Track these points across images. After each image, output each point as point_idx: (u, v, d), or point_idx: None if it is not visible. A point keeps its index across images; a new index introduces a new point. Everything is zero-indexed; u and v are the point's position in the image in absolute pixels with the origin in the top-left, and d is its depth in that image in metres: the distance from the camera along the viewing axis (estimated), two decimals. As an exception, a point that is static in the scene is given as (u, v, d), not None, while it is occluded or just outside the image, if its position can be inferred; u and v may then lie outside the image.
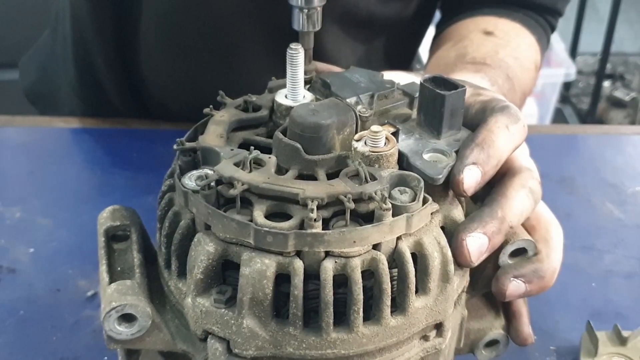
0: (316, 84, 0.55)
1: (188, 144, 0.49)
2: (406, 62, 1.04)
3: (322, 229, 0.43)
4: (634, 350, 0.60)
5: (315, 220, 0.43)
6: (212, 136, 0.50)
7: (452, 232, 0.49)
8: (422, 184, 0.46)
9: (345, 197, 0.44)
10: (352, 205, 0.43)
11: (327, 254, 0.44)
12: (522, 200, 0.50)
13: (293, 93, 0.52)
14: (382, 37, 0.92)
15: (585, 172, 0.69)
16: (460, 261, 0.48)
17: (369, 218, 0.45)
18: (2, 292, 0.66)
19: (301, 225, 0.43)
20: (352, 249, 0.44)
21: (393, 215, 0.44)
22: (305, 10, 0.53)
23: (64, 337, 0.61)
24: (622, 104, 2.87)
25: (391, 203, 0.44)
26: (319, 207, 0.44)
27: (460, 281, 0.49)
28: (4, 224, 0.75)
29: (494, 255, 0.52)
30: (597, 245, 0.75)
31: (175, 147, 0.49)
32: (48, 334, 0.62)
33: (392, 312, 0.46)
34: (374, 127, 0.47)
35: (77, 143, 0.90)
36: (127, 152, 0.86)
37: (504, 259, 0.52)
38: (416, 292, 0.47)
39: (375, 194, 0.44)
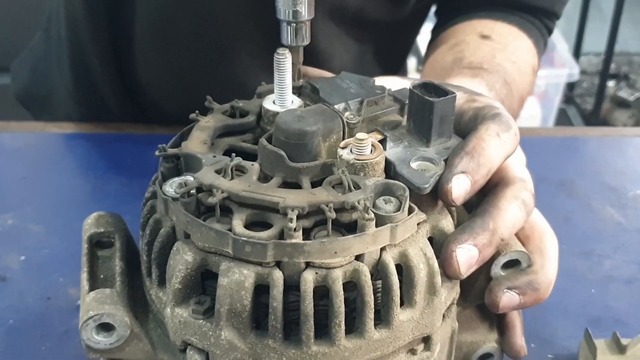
0: (306, 90, 0.54)
1: (170, 150, 0.48)
2: (399, 62, 1.04)
3: (304, 239, 0.42)
4: (634, 358, 0.58)
5: (294, 230, 0.41)
6: (196, 142, 0.49)
7: (441, 243, 0.47)
8: (408, 193, 0.44)
9: (327, 206, 0.42)
10: (333, 214, 0.42)
11: (308, 264, 0.43)
12: (514, 212, 0.49)
13: (281, 99, 0.51)
14: (375, 36, 0.91)
15: (585, 175, 0.67)
16: (449, 273, 0.47)
17: (352, 228, 0.43)
18: (-8, 300, 0.65)
19: (281, 235, 0.42)
20: (333, 259, 0.42)
21: (377, 225, 0.43)
22: (294, 25, 0.52)
23: (54, 347, 0.60)
24: (626, 104, 2.84)
25: (375, 213, 0.43)
26: (299, 217, 0.43)
27: (448, 293, 0.48)
28: (-5, 230, 0.74)
29: (486, 266, 0.50)
30: (597, 250, 0.73)
31: (157, 153, 0.48)
32: (38, 343, 0.61)
33: (376, 324, 0.45)
34: (359, 135, 0.46)
35: (71, 148, 0.89)
36: (122, 157, 0.84)
37: (497, 270, 0.51)
38: (402, 304, 0.45)
39: (358, 204, 0.43)
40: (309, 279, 0.42)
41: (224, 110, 0.53)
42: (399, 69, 1.02)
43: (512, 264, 0.51)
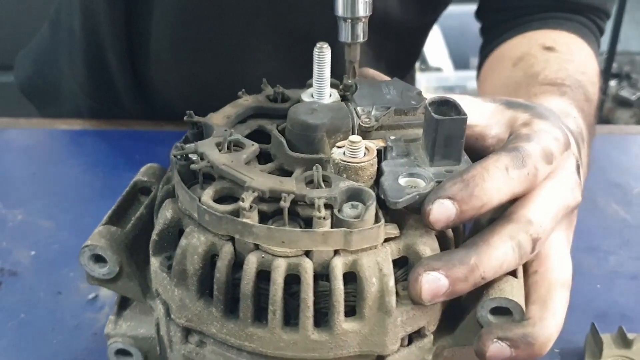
0: (351, 88, 0.54)
1: (195, 118, 0.52)
2: (409, 66, 1.01)
3: (262, 223, 0.44)
4: None
5: (247, 210, 0.43)
6: (220, 115, 0.52)
7: (413, 265, 0.45)
8: (373, 202, 0.43)
9: (286, 195, 0.43)
10: (287, 204, 0.43)
11: (258, 247, 0.44)
12: (506, 252, 0.45)
13: (319, 92, 0.52)
14: (392, 42, 0.86)
15: (591, 172, 0.64)
16: (410, 295, 0.45)
17: (311, 224, 0.44)
18: (3, 295, 0.66)
19: (237, 213, 0.44)
20: (279, 248, 0.43)
21: (335, 227, 0.43)
22: (349, 21, 0.53)
23: (65, 340, 0.61)
24: (628, 104, 2.75)
25: (336, 215, 0.43)
26: (263, 200, 0.44)
27: (410, 319, 0.46)
28: (5, 226, 0.75)
29: (474, 305, 0.47)
30: (602, 247, 0.73)
31: (185, 118, 0.52)
32: (49, 337, 0.61)
33: (319, 327, 0.44)
34: (353, 137, 0.46)
35: (80, 145, 0.90)
36: (130, 154, 0.85)
37: (483, 314, 0.47)
38: (353, 314, 0.45)
39: (317, 201, 0.43)
40: (252, 260, 0.43)
41: (268, 94, 0.55)
42: (407, 73, 1.00)
43: (504, 311, 0.47)
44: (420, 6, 0.86)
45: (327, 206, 0.43)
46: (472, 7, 0.93)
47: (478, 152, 0.52)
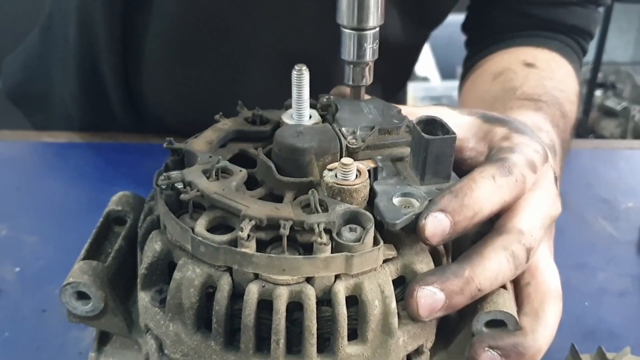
0: (331, 108, 0.54)
1: (176, 145, 0.51)
2: (401, 84, 1.03)
3: (261, 252, 0.43)
4: None
5: (246, 239, 0.42)
6: (202, 141, 0.51)
7: (411, 284, 0.46)
8: (372, 225, 0.43)
9: (285, 222, 0.42)
10: (286, 231, 0.42)
11: (257, 276, 0.43)
12: (500, 263, 0.46)
13: (299, 113, 0.52)
14: (384, 61, 0.89)
15: (578, 188, 0.67)
16: (408, 313, 0.45)
17: (310, 249, 0.43)
18: (-13, 312, 0.64)
19: (234, 243, 0.43)
20: (281, 276, 0.42)
21: (335, 252, 0.42)
22: (356, 65, 0.53)
23: (50, 359, 0.59)
24: (613, 114, 2.86)
25: (335, 240, 0.43)
26: (259, 228, 0.43)
27: (411, 338, 0.46)
28: (-10, 241, 0.73)
29: (468, 319, 0.48)
30: (590, 263, 0.73)
31: (164, 145, 0.51)
32: (33, 356, 0.59)
33: (322, 352, 0.44)
34: (345, 160, 0.46)
35: (66, 158, 0.88)
36: (116, 167, 0.84)
37: (479, 327, 0.48)
38: (355, 337, 0.44)
39: (318, 226, 0.42)
40: (253, 290, 0.43)
41: (247, 116, 0.54)
42: (400, 90, 1.02)
43: (498, 324, 0.48)
44: (416, 24, 0.87)
45: (326, 231, 0.43)
46: (460, 18, 0.94)
47: (455, 164, 0.53)
